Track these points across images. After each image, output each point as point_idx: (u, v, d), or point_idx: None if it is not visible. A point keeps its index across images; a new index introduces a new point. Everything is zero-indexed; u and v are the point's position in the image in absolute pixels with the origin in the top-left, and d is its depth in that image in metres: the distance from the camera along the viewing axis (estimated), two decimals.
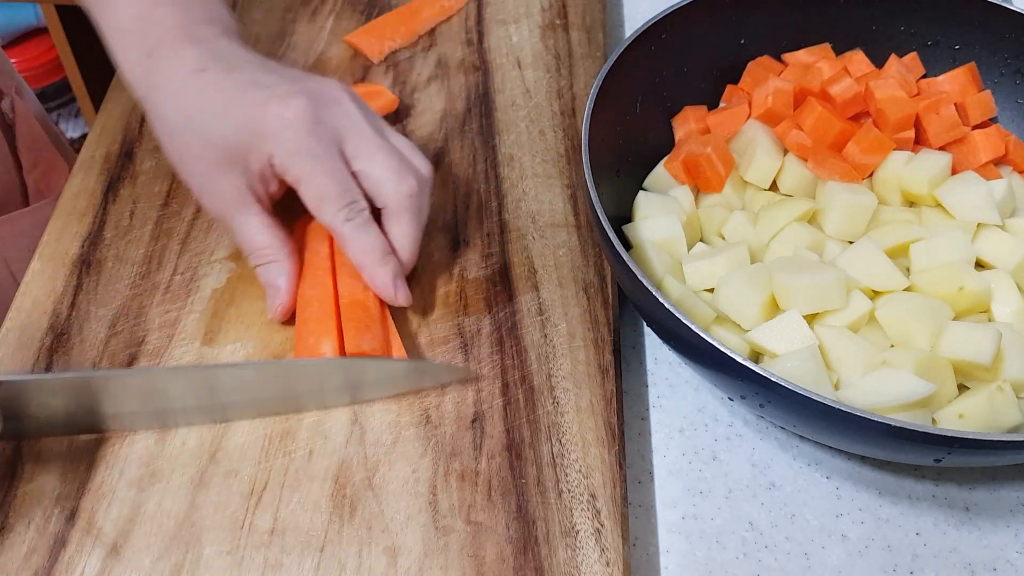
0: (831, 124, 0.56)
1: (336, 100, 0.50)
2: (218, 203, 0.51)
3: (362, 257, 0.50)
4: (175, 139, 0.51)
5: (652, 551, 0.48)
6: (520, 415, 0.49)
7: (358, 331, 0.49)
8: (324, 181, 0.49)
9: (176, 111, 0.50)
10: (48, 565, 0.44)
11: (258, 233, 0.51)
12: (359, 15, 0.73)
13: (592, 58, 0.69)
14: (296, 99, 0.48)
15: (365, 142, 0.50)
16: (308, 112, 0.48)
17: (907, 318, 0.48)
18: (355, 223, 0.49)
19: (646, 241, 0.53)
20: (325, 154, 0.49)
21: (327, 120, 0.49)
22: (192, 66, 0.49)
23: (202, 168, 0.50)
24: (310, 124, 0.48)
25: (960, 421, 0.46)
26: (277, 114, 0.48)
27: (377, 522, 0.46)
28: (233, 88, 0.49)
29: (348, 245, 0.50)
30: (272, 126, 0.48)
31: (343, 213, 0.49)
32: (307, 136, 0.48)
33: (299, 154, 0.48)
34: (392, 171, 0.50)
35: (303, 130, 0.48)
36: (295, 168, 0.48)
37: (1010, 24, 0.59)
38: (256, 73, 0.50)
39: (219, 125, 0.49)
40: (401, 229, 0.51)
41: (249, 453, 0.48)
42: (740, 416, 0.53)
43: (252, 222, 0.51)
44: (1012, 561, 0.48)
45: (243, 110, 0.48)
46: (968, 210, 0.53)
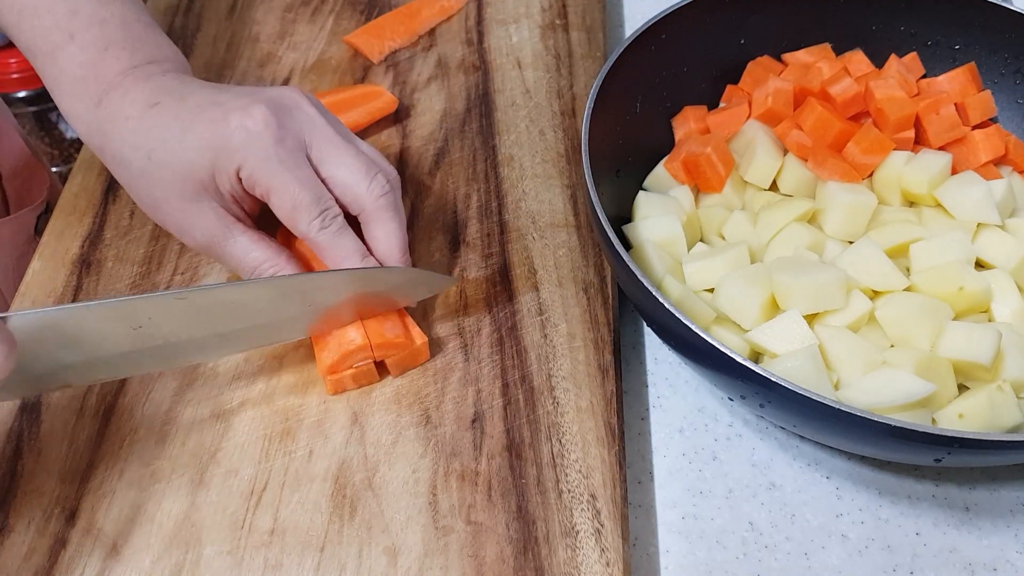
0: (831, 124, 0.56)
1: (297, 106, 0.49)
2: (201, 235, 0.49)
3: (342, 264, 0.49)
4: (141, 181, 0.49)
5: (652, 551, 0.48)
6: (520, 415, 0.49)
7: (378, 320, 0.49)
8: (295, 191, 0.47)
9: (136, 151, 0.48)
10: (48, 565, 0.44)
11: (251, 251, 0.49)
12: (359, 15, 0.73)
13: (592, 58, 0.69)
14: (257, 108, 0.47)
15: (330, 146, 0.49)
16: (271, 120, 0.47)
17: (907, 318, 0.48)
18: (330, 231, 0.48)
19: (646, 241, 0.53)
20: (293, 162, 0.47)
21: (290, 127, 0.48)
22: (144, 103, 0.48)
23: (174, 203, 0.48)
24: (275, 131, 0.47)
25: (960, 421, 0.46)
26: (240, 125, 0.47)
27: (377, 522, 0.46)
28: (189, 113, 0.48)
29: (326, 253, 0.48)
30: (236, 138, 0.46)
31: (317, 222, 0.47)
32: (274, 144, 0.47)
33: (267, 164, 0.47)
34: (361, 172, 0.49)
35: (269, 139, 0.47)
36: (264, 179, 0.47)
37: (1010, 24, 0.59)
38: (210, 94, 0.49)
39: (181, 152, 0.47)
40: (384, 229, 0.50)
41: (249, 453, 0.48)
42: (740, 416, 0.53)
43: (240, 242, 0.49)
44: (1012, 561, 0.48)
45: (204, 129, 0.47)
46: (968, 210, 0.53)
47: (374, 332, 0.49)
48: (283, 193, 0.47)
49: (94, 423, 0.49)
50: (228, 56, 0.69)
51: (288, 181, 0.47)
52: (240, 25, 0.72)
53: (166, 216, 0.49)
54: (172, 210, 0.49)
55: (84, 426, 0.49)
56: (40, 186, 0.74)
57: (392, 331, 0.49)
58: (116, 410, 0.50)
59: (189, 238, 0.50)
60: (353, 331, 0.49)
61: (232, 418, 0.50)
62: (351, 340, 0.48)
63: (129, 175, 0.49)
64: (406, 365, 0.51)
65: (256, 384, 0.51)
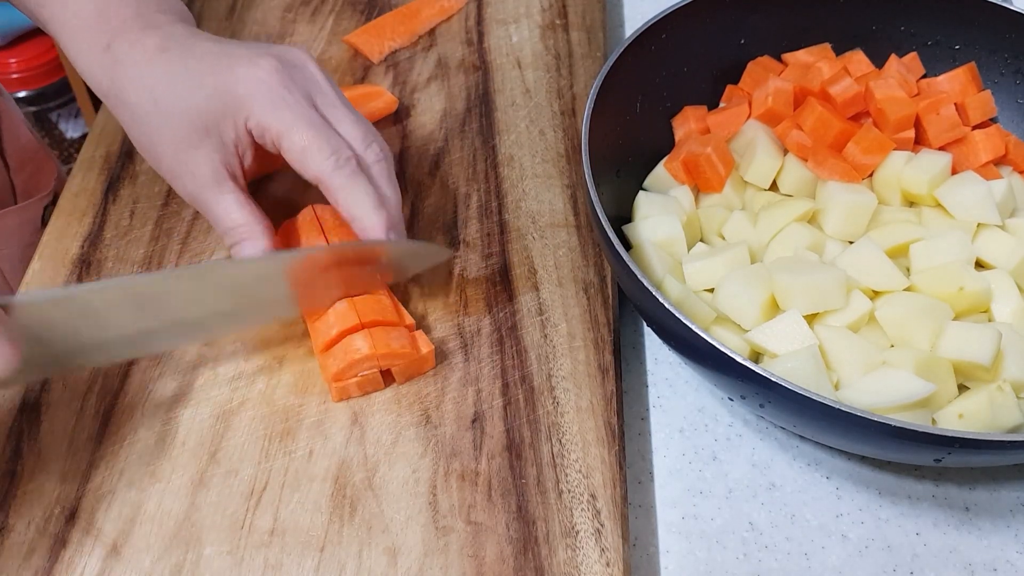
0: (831, 124, 0.56)
1: (302, 64, 0.50)
2: (191, 183, 0.49)
3: (356, 208, 0.48)
4: (144, 124, 0.49)
5: (652, 551, 0.48)
6: (520, 415, 0.49)
7: (384, 330, 0.49)
8: (307, 131, 0.47)
9: (142, 94, 0.49)
10: (48, 565, 0.44)
11: (233, 211, 0.49)
12: (359, 15, 0.73)
13: (592, 58, 0.69)
14: (264, 59, 0.48)
15: (332, 107, 0.50)
16: (277, 69, 0.48)
17: (907, 318, 0.48)
18: (345, 172, 0.48)
19: (646, 241, 0.53)
20: (301, 107, 0.48)
21: (297, 80, 0.49)
22: (153, 48, 0.49)
23: (173, 148, 0.49)
24: (283, 80, 0.48)
25: (960, 421, 0.46)
26: (248, 74, 0.47)
27: (377, 522, 0.46)
28: (198, 62, 0.48)
29: (340, 194, 0.48)
30: (245, 87, 0.47)
31: (331, 161, 0.47)
32: (282, 90, 0.47)
33: (276, 108, 0.47)
34: (359, 135, 0.49)
35: (277, 86, 0.47)
36: (275, 123, 0.47)
37: (1010, 24, 0.59)
38: (218, 46, 0.50)
39: (188, 98, 0.48)
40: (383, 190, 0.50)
41: (249, 453, 0.48)
42: (740, 416, 0.53)
43: (227, 199, 0.49)
44: (1012, 561, 0.48)
45: (212, 79, 0.48)
46: (968, 210, 0.53)
47: (380, 341, 0.48)
48: (293, 134, 0.47)
49: (94, 423, 0.49)
50: None
51: (298, 123, 0.47)
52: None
53: (162, 160, 0.50)
54: (169, 155, 0.49)
55: (84, 426, 0.49)
56: (48, 177, 0.74)
57: (398, 340, 0.49)
58: (116, 410, 0.50)
59: (180, 185, 0.50)
60: (360, 340, 0.48)
61: (232, 418, 0.50)
62: (357, 349, 0.48)
63: (132, 118, 0.50)
64: (411, 373, 0.51)
65: (256, 384, 0.51)
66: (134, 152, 0.63)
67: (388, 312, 0.50)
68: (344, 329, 0.49)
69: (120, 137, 0.64)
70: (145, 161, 0.62)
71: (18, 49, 1.58)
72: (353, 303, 0.49)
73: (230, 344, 0.52)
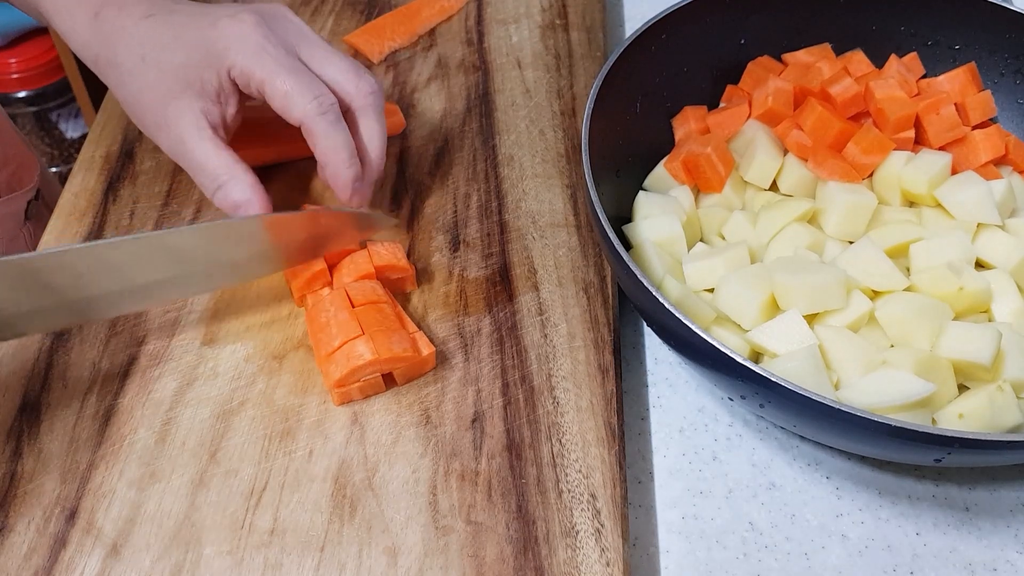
0: (831, 124, 0.56)
1: (283, 16, 0.52)
2: (173, 134, 0.51)
3: (332, 155, 0.50)
4: (131, 81, 0.51)
5: (652, 551, 0.48)
6: (520, 415, 0.49)
7: (385, 334, 0.49)
8: (289, 76, 0.49)
9: (130, 53, 0.51)
10: (48, 565, 0.44)
11: (213, 156, 0.50)
12: (359, 15, 0.73)
13: (592, 58, 0.69)
14: (245, 14, 0.50)
15: (318, 49, 0.52)
16: (258, 22, 0.50)
17: (907, 318, 0.48)
18: (328, 118, 0.50)
19: (646, 241, 0.53)
20: (283, 55, 0.50)
21: (278, 30, 0.51)
22: (139, 15, 0.51)
23: (155, 99, 0.50)
24: (263, 31, 0.50)
25: (960, 421, 0.46)
26: (230, 26, 0.49)
27: (377, 522, 0.46)
28: (181, 22, 0.51)
29: (319, 140, 0.50)
30: (227, 38, 0.49)
31: (313, 105, 0.49)
32: (263, 40, 0.49)
33: (258, 56, 0.49)
34: (351, 71, 0.52)
35: (258, 36, 0.49)
36: (257, 69, 0.49)
37: (1010, 24, 0.59)
38: (201, 7, 0.52)
39: (172, 53, 0.50)
40: (368, 125, 0.52)
41: (249, 453, 0.48)
42: (740, 416, 0.53)
43: (207, 146, 0.50)
44: (1012, 561, 0.48)
45: (194, 33, 0.50)
46: (968, 210, 0.53)
47: (382, 346, 0.48)
48: (276, 80, 0.49)
49: (94, 423, 0.49)
50: None
51: (280, 69, 0.49)
52: None
53: (146, 113, 0.51)
54: (153, 107, 0.51)
55: (84, 426, 0.49)
56: (30, 173, 0.75)
57: (399, 344, 0.49)
58: (116, 410, 0.50)
59: (164, 136, 0.51)
60: (362, 345, 0.48)
61: (232, 418, 0.50)
62: (360, 355, 0.48)
63: (119, 75, 0.52)
64: (412, 375, 0.51)
65: (256, 384, 0.51)
66: (134, 152, 0.63)
67: (390, 320, 0.50)
68: (346, 339, 0.49)
69: (120, 137, 0.64)
70: (145, 161, 0.62)
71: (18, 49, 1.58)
72: (355, 313, 0.49)
73: (230, 344, 0.52)
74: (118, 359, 0.52)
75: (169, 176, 0.61)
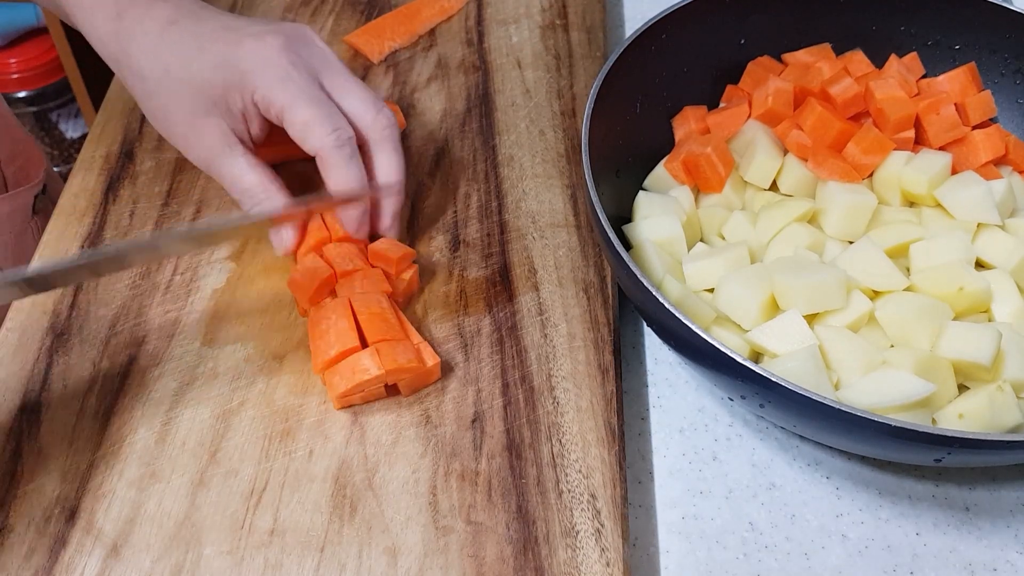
0: (831, 124, 0.56)
1: (308, 40, 0.52)
2: (203, 150, 0.51)
3: (344, 188, 0.50)
4: (155, 93, 0.51)
5: (652, 551, 0.48)
6: (520, 415, 0.49)
7: (390, 345, 0.48)
8: (309, 107, 0.49)
9: (153, 63, 0.50)
10: (48, 565, 0.44)
11: (246, 173, 0.51)
12: (359, 15, 0.73)
13: (592, 58, 0.69)
14: (271, 36, 0.50)
15: (341, 78, 0.52)
16: (284, 46, 0.49)
17: (907, 318, 0.48)
18: (344, 152, 0.50)
19: (646, 241, 0.53)
20: (306, 82, 0.50)
21: (303, 55, 0.50)
22: (163, 20, 0.50)
23: (184, 116, 0.50)
24: (289, 56, 0.49)
25: (960, 421, 0.46)
26: (254, 49, 0.49)
27: (377, 522, 0.46)
28: (206, 34, 0.50)
29: (333, 172, 0.50)
30: (251, 61, 0.49)
31: (331, 137, 0.49)
32: (287, 66, 0.49)
33: (281, 83, 0.49)
34: (369, 103, 0.52)
35: (282, 62, 0.49)
36: (279, 97, 0.49)
37: (1010, 24, 0.59)
38: (227, 20, 0.51)
39: (197, 69, 0.49)
40: (386, 158, 0.52)
41: (249, 453, 0.48)
42: (740, 416, 0.53)
43: (239, 163, 0.51)
44: (1012, 561, 0.48)
45: (219, 49, 0.49)
46: (968, 210, 0.53)
47: (387, 358, 0.48)
48: (296, 109, 0.49)
49: (94, 423, 0.49)
50: None
51: (301, 97, 0.49)
52: None
53: (174, 128, 0.52)
54: (180, 122, 0.51)
55: (84, 426, 0.49)
56: (37, 168, 0.75)
57: (404, 355, 0.48)
58: (116, 410, 0.50)
59: (193, 152, 0.52)
60: (367, 359, 0.48)
61: (232, 418, 0.50)
62: (365, 369, 0.47)
63: (144, 88, 0.51)
64: (416, 386, 0.50)
65: (256, 384, 0.51)
66: (134, 152, 0.63)
67: (395, 330, 0.49)
68: (344, 349, 0.48)
69: (120, 137, 0.64)
70: (145, 161, 0.62)
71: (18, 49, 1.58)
72: (353, 323, 0.49)
73: (230, 344, 0.52)
74: (118, 359, 0.52)
75: (169, 176, 0.61)
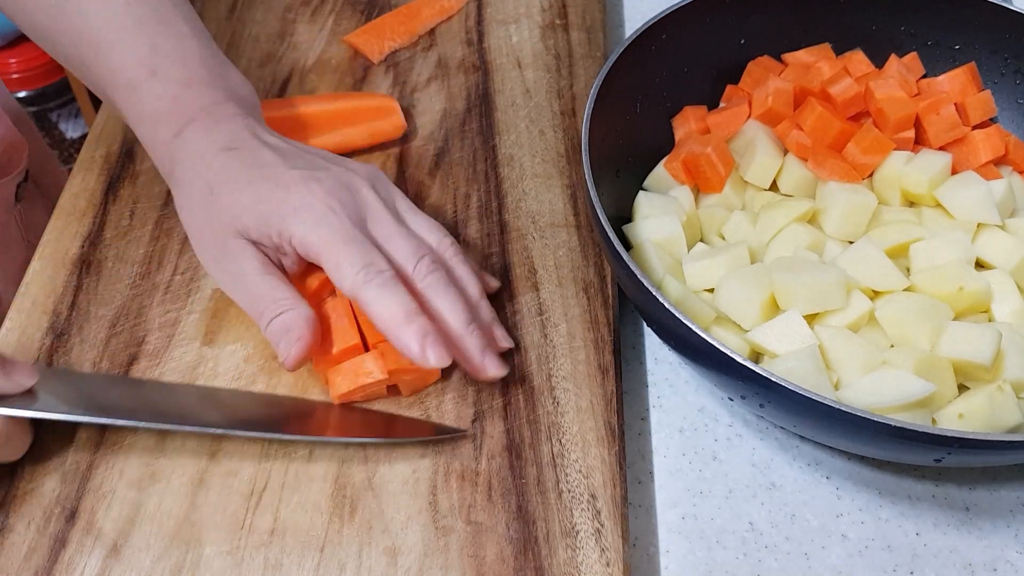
0: (831, 124, 0.56)
1: (357, 188, 0.50)
2: (232, 267, 0.49)
3: (386, 321, 0.46)
4: (196, 207, 0.50)
5: (652, 551, 0.48)
6: (520, 415, 0.49)
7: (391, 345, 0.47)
8: (342, 247, 0.47)
9: (200, 181, 0.50)
10: (48, 565, 0.44)
11: (277, 288, 0.49)
12: (359, 15, 0.73)
13: (592, 58, 0.69)
14: (318, 184, 0.49)
15: (383, 227, 0.50)
16: (329, 193, 0.48)
17: (907, 318, 0.48)
18: (375, 284, 0.46)
19: (646, 241, 0.53)
20: (342, 226, 0.48)
21: (347, 203, 0.49)
22: (219, 145, 0.50)
23: (216, 232, 0.49)
24: (329, 202, 0.48)
25: (960, 421, 0.46)
26: (298, 193, 0.48)
27: (377, 522, 0.46)
28: (259, 166, 0.50)
29: (370, 308, 0.46)
30: (293, 204, 0.48)
31: (361, 275, 0.46)
32: (328, 210, 0.48)
33: (318, 226, 0.48)
34: (409, 253, 0.49)
35: (324, 205, 0.48)
36: (314, 240, 0.47)
37: (1010, 24, 0.59)
38: (283, 155, 0.51)
39: (241, 197, 0.49)
40: (440, 304, 0.49)
41: (249, 453, 0.48)
42: (740, 416, 0.53)
43: (269, 280, 0.49)
44: (1012, 561, 0.48)
45: (266, 187, 0.49)
46: (968, 210, 0.53)
47: (390, 359, 0.48)
48: (331, 251, 0.47)
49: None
50: (228, 56, 0.69)
51: (335, 239, 0.47)
52: (240, 25, 0.72)
53: (205, 242, 0.50)
54: (213, 239, 0.50)
55: (84, 426, 0.49)
56: (19, 156, 0.74)
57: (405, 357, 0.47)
58: None
59: (221, 268, 0.50)
60: (371, 362, 0.48)
61: None
62: (369, 372, 0.48)
63: (187, 200, 0.51)
64: (417, 386, 0.50)
65: (256, 384, 0.51)
66: (134, 152, 0.63)
67: None
68: (347, 347, 0.48)
69: (120, 137, 0.64)
70: (145, 161, 0.62)
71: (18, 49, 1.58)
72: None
73: (230, 344, 0.52)
74: (118, 359, 0.52)
75: None
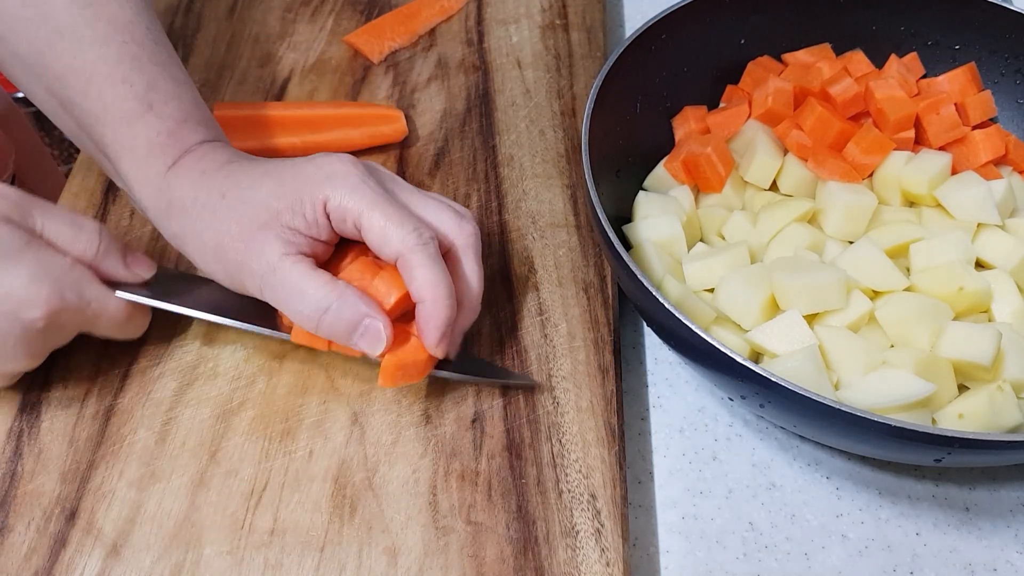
0: (831, 124, 0.56)
1: (376, 167, 0.50)
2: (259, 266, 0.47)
3: (431, 290, 0.46)
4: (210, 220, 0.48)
5: (652, 551, 0.48)
6: (520, 415, 0.49)
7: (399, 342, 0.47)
8: (387, 207, 0.46)
9: (206, 194, 0.48)
10: (48, 565, 0.44)
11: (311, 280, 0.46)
12: (359, 15, 0.73)
13: (592, 58, 0.69)
14: (339, 159, 0.48)
15: (414, 195, 0.49)
16: (355, 163, 0.48)
17: (907, 318, 0.48)
18: (428, 251, 0.46)
19: (646, 241, 0.53)
20: (380, 191, 0.47)
21: (374, 173, 0.48)
22: (221, 161, 0.50)
23: (236, 235, 0.47)
24: (360, 169, 0.47)
25: (960, 421, 0.46)
26: (328, 163, 0.47)
27: (377, 522, 0.46)
28: (269, 165, 0.49)
29: (417, 272, 0.46)
30: (326, 172, 0.47)
31: (413, 236, 0.46)
32: (361, 175, 0.47)
33: (356, 191, 0.46)
34: (449, 213, 0.49)
35: (357, 172, 0.47)
36: (355, 205, 0.46)
37: (1010, 24, 0.59)
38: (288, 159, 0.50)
39: (258, 189, 0.47)
40: (469, 267, 0.49)
41: (249, 453, 0.48)
42: (740, 416, 0.53)
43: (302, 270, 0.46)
44: (1012, 561, 0.48)
45: (288, 169, 0.48)
46: (968, 210, 0.53)
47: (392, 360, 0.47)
48: (374, 213, 0.46)
49: (94, 423, 0.49)
50: (228, 56, 0.69)
51: (378, 202, 0.46)
52: (240, 25, 0.72)
53: (225, 252, 0.48)
54: (236, 241, 0.47)
55: (84, 426, 0.49)
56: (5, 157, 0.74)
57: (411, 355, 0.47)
58: (116, 410, 0.50)
59: (248, 271, 0.47)
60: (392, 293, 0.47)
61: (232, 418, 0.50)
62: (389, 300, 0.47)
63: (197, 217, 0.48)
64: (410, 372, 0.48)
65: (256, 384, 0.51)
66: None
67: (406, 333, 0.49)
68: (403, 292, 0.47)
69: None
70: None
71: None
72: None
73: (230, 344, 0.52)
74: (118, 359, 0.52)
75: None
